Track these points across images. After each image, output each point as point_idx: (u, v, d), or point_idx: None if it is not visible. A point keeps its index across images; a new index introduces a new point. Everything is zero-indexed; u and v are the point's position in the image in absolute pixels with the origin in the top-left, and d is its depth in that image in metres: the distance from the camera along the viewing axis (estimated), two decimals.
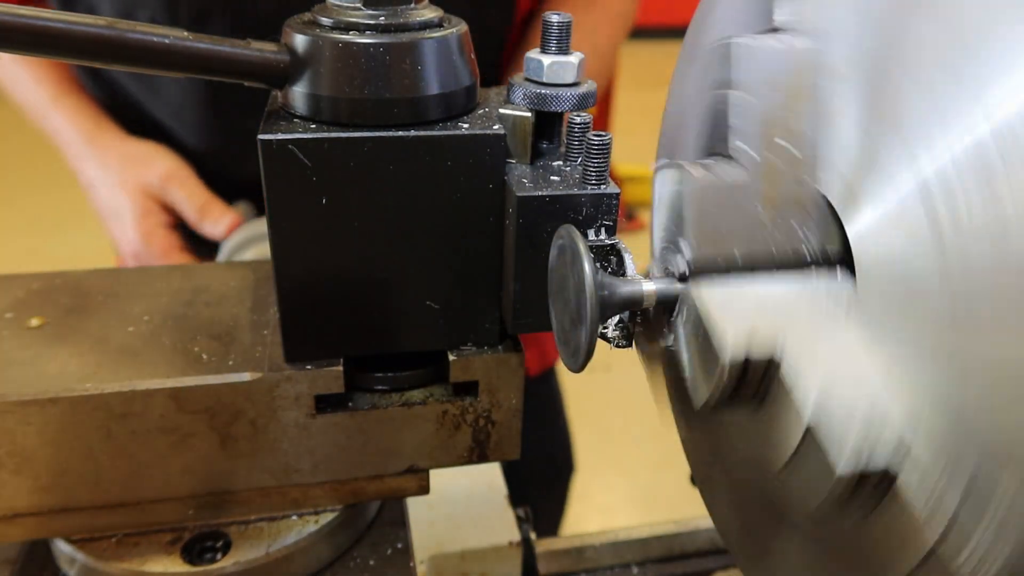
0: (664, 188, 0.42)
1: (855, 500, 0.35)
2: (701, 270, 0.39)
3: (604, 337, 0.43)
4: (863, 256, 0.34)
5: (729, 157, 0.41)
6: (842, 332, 0.35)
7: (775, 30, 0.40)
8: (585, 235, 0.45)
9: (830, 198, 0.36)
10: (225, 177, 0.92)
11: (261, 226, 0.88)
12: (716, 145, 0.42)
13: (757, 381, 0.37)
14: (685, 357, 0.41)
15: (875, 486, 0.34)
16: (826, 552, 0.40)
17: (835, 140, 0.36)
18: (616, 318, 0.43)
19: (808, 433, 0.35)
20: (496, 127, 0.45)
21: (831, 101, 0.36)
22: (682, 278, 0.40)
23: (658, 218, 0.43)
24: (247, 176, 0.93)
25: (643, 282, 0.41)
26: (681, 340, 0.41)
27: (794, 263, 0.38)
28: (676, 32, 0.53)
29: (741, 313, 0.37)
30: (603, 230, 0.45)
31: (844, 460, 0.33)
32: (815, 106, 0.37)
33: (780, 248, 0.38)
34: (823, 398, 0.34)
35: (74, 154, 0.94)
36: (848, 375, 0.34)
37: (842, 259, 0.37)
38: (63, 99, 0.95)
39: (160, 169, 0.89)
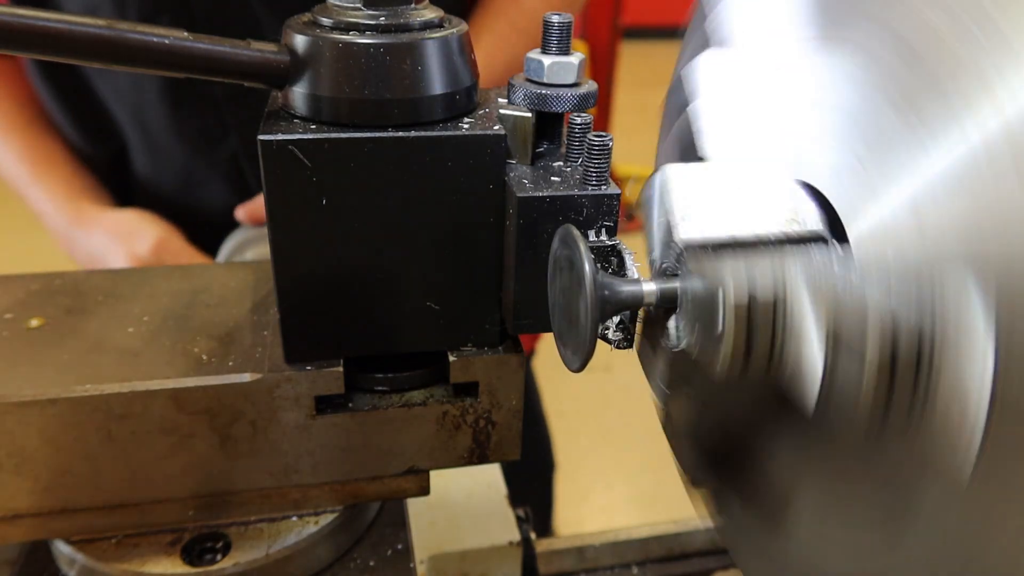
0: (652, 190, 0.42)
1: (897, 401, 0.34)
2: (692, 247, 0.38)
3: (605, 339, 0.43)
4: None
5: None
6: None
7: None
8: (586, 236, 0.45)
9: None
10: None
11: (261, 227, 0.88)
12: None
13: (768, 329, 0.37)
14: (688, 342, 0.40)
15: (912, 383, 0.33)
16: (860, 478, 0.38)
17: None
18: (617, 319, 0.43)
19: (832, 338, 0.34)
20: (496, 127, 0.45)
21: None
22: (678, 259, 0.40)
23: (654, 220, 0.43)
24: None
25: (643, 282, 0.41)
26: (683, 330, 0.40)
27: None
28: (676, 32, 0.53)
29: (737, 261, 0.36)
30: (604, 231, 0.45)
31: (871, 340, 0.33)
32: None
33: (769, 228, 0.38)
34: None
35: (62, 237, 0.95)
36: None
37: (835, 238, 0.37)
38: (42, 179, 0.94)
39: (149, 240, 0.89)
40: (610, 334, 0.43)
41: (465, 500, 0.82)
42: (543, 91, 0.46)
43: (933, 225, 0.31)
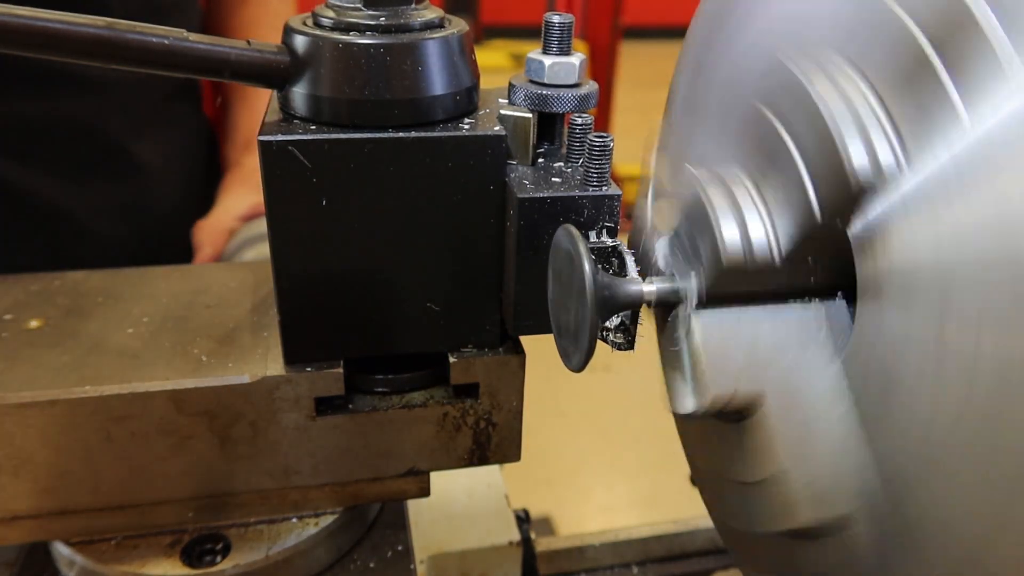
0: (678, 185, 0.42)
1: (809, 535, 0.36)
2: (711, 300, 0.38)
3: (605, 341, 0.43)
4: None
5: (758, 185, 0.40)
6: (824, 374, 0.35)
7: None
8: (587, 237, 0.45)
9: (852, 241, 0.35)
10: None
11: (261, 226, 0.88)
12: (749, 165, 0.40)
13: (738, 410, 0.38)
14: (677, 361, 0.41)
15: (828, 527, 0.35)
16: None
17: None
18: (617, 320, 0.43)
19: (776, 475, 0.36)
20: (497, 128, 0.45)
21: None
22: (685, 296, 0.40)
23: (666, 213, 0.43)
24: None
25: (643, 283, 0.41)
26: (676, 343, 0.41)
27: (798, 294, 0.38)
28: (676, 32, 0.53)
29: (733, 350, 0.37)
30: (604, 232, 0.45)
31: (804, 511, 0.34)
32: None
33: (788, 280, 0.38)
34: (796, 449, 0.35)
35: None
36: (820, 431, 0.34)
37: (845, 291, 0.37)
38: None
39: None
40: (611, 336, 0.43)
41: (465, 500, 0.82)
42: (544, 91, 0.46)
43: None
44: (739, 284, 0.38)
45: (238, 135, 1.03)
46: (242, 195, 0.94)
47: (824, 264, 0.37)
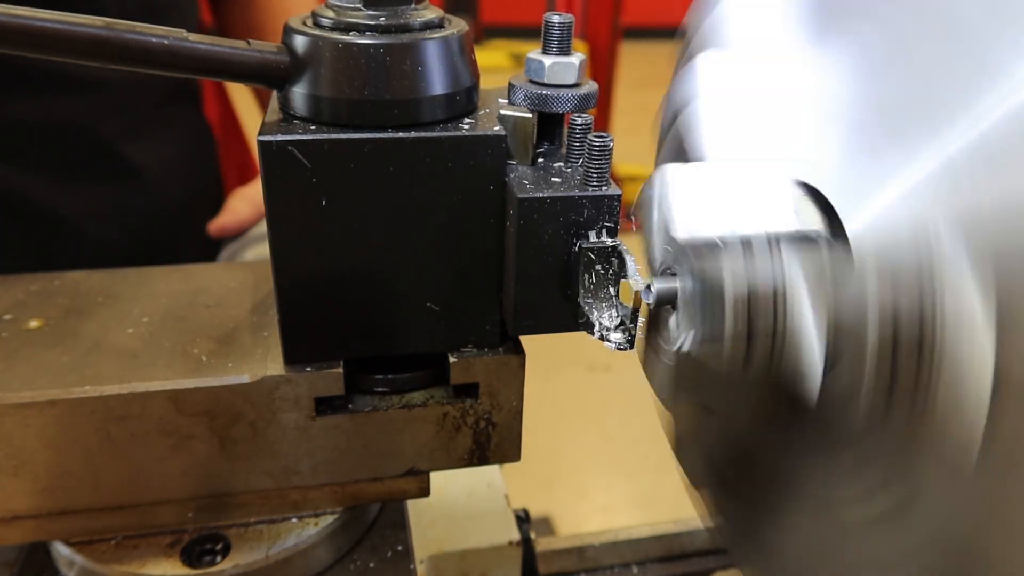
0: (651, 191, 0.42)
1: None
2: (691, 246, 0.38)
3: (605, 340, 0.43)
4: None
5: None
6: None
7: None
8: (586, 237, 0.45)
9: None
10: None
11: (261, 226, 0.88)
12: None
13: (768, 320, 0.37)
14: (690, 339, 0.40)
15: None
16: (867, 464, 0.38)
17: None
18: (617, 319, 0.43)
19: (832, 328, 0.34)
20: (497, 128, 0.45)
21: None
22: (677, 258, 0.40)
23: (653, 221, 0.43)
24: None
25: (643, 282, 0.41)
26: (683, 328, 0.41)
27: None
28: (676, 32, 0.53)
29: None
30: (604, 232, 0.45)
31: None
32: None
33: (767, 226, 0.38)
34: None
35: None
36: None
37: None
38: None
39: None
40: (611, 335, 0.43)
41: (465, 500, 0.82)
42: (544, 91, 0.46)
43: (930, 218, 0.31)
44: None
45: None
46: None
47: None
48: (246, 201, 0.91)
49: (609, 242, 0.44)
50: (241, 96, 1.32)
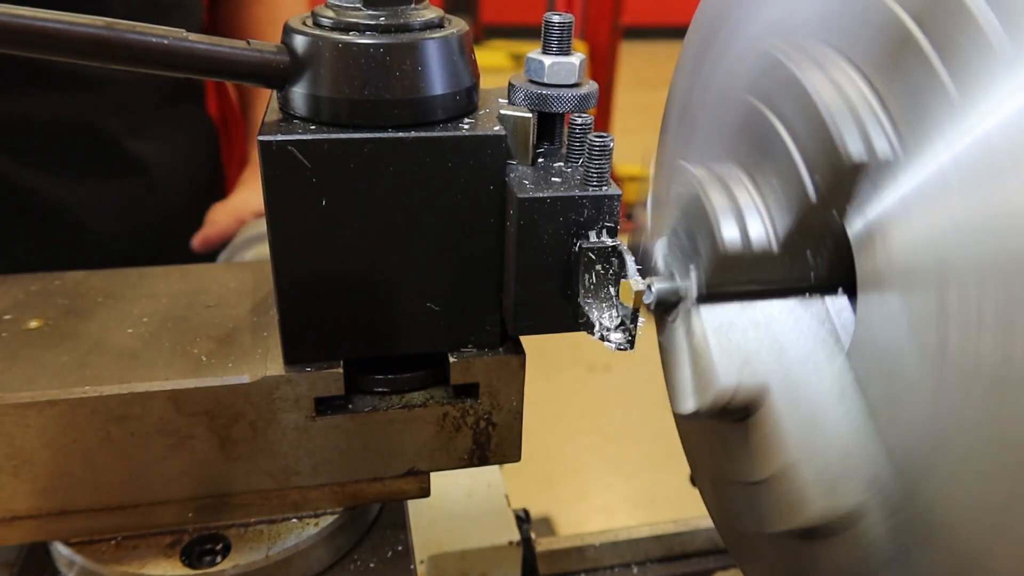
0: (675, 187, 0.42)
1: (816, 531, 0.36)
2: (711, 296, 0.38)
3: (606, 340, 0.43)
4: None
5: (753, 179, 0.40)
6: (829, 368, 0.35)
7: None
8: (586, 237, 0.45)
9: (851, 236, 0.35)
10: None
11: (261, 226, 0.88)
12: (745, 160, 0.41)
13: (741, 407, 0.38)
14: (679, 359, 0.41)
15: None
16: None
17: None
18: (617, 319, 0.43)
19: (784, 470, 0.35)
20: (497, 128, 0.45)
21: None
22: (685, 292, 0.40)
23: (664, 216, 0.43)
24: None
25: (643, 282, 0.41)
26: (677, 342, 0.41)
27: (798, 289, 0.38)
28: (676, 32, 0.53)
29: (736, 345, 0.37)
30: (604, 232, 0.45)
31: (814, 504, 0.34)
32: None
33: (788, 274, 0.38)
34: (805, 442, 0.35)
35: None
36: (829, 423, 0.34)
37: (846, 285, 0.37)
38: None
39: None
40: (611, 335, 0.43)
41: (465, 500, 0.82)
42: (544, 91, 0.46)
43: None
44: (738, 275, 0.38)
45: (256, 131, 1.04)
46: (259, 191, 0.95)
47: (824, 259, 0.37)
48: (224, 213, 0.91)
49: (609, 242, 0.44)
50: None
